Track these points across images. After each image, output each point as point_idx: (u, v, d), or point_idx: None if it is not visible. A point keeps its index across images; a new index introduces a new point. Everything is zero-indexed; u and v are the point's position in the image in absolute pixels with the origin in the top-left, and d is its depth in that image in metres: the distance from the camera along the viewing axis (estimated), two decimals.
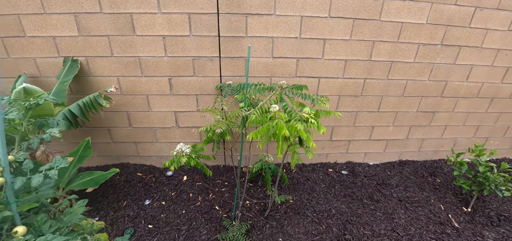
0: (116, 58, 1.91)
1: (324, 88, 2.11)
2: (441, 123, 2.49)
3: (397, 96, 2.24)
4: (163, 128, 2.22)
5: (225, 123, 1.26)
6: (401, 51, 2.02)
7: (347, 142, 2.46)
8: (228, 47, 1.86)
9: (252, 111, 1.15)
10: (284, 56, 1.93)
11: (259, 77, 2.00)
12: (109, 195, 2.08)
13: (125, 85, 2.01)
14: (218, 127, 1.18)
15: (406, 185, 2.28)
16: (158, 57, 1.89)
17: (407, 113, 2.36)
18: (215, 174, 2.31)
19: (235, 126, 1.32)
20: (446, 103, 2.36)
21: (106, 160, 2.42)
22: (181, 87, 2.01)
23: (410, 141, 2.55)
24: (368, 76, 2.10)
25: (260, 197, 2.05)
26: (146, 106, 2.10)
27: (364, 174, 2.39)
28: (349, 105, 2.23)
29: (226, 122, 1.27)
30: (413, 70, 2.13)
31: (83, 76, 1.97)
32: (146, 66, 1.93)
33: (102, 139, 2.28)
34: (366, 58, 2.02)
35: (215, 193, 2.09)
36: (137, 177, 2.28)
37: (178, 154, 1.47)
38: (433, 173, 2.49)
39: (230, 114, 1.31)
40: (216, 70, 1.95)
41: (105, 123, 2.19)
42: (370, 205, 2.02)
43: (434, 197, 2.17)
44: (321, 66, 2.00)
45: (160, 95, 2.05)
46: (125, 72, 1.96)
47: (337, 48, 1.94)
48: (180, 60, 1.90)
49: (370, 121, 2.34)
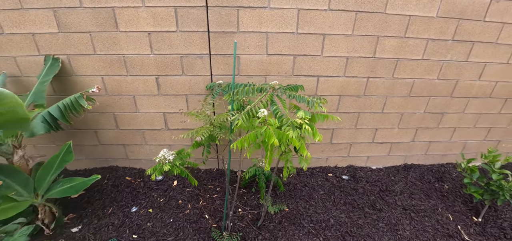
0: (99, 56, 1.78)
1: (324, 88, 1.96)
2: (450, 125, 2.31)
3: (403, 96, 2.07)
4: (152, 130, 2.10)
5: (209, 129, 1.12)
6: (408, 47, 1.85)
7: (348, 145, 2.31)
8: (218, 43, 1.72)
9: (238, 116, 1.01)
10: (279, 53, 1.78)
11: (253, 76, 1.85)
12: (95, 201, 1.98)
13: (110, 85, 1.88)
14: (199, 135, 1.04)
15: (412, 192, 2.12)
16: (144, 54, 1.76)
17: (413, 115, 2.19)
18: (207, 179, 2.19)
19: (221, 132, 1.19)
20: (456, 103, 2.19)
21: (94, 163, 2.32)
22: (170, 86, 1.88)
23: (416, 144, 2.38)
24: (372, 74, 1.93)
25: (253, 205, 1.92)
26: (133, 107, 1.98)
27: (366, 179, 2.24)
28: (350, 106, 2.07)
29: (210, 128, 1.14)
30: (421, 68, 1.96)
31: (66, 76, 1.85)
32: (131, 65, 1.80)
33: (89, 142, 2.17)
34: (370, 55, 1.85)
35: (206, 199, 1.96)
36: (125, 181, 2.17)
37: (161, 162, 1.34)
38: (441, 178, 2.33)
39: (216, 118, 1.17)
40: (206, 69, 1.81)
41: (91, 125, 2.08)
42: (372, 214, 1.87)
43: (442, 206, 2.01)
44: (320, 64, 1.85)
45: (148, 96, 1.93)
46: (109, 71, 1.83)
47: (338, 44, 1.78)
48: (167, 58, 1.77)
49: (373, 122, 2.18)
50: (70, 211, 1.88)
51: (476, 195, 1.83)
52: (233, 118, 1.03)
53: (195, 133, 1.09)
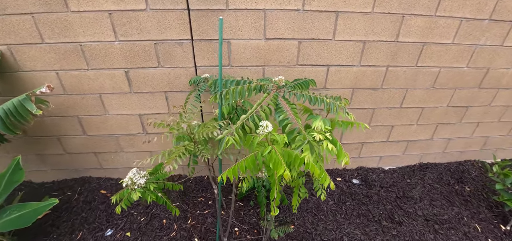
0: (49, 46, 1.37)
1: (334, 80, 1.62)
2: (474, 119, 2.03)
3: (425, 88, 1.76)
4: (127, 135, 1.74)
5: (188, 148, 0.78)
6: (438, 29, 1.51)
7: (360, 145, 2.01)
8: (202, 25, 1.33)
9: (228, 133, 0.67)
10: (281, 37, 1.41)
11: (247, 66, 1.49)
12: (62, 223, 1.64)
13: (68, 82, 1.49)
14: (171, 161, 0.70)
15: (432, 198, 1.86)
16: (106, 42, 1.36)
17: (435, 109, 1.89)
18: (197, 189, 1.87)
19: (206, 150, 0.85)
20: (484, 95, 1.89)
21: (64, 174, 1.96)
22: (143, 82, 1.51)
23: (435, 142, 2.10)
24: (392, 62, 1.60)
25: (252, 222, 1.62)
26: (100, 108, 1.60)
27: (380, 183, 1.97)
28: (365, 101, 1.75)
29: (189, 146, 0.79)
30: (450, 54, 1.63)
31: (10, 72, 1.45)
32: (91, 55, 1.40)
33: (52, 150, 1.79)
34: (391, 39, 1.51)
35: (196, 217, 1.65)
36: (100, 196, 1.83)
37: (129, 187, 1.01)
38: (460, 179, 2.08)
39: (198, 132, 0.83)
40: (189, 59, 1.43)
41: (53, 131, 1.70)
42: (391, 228, 1.61)
43: (467, 213, 1.76)
44: (332, 50, 1.49)
45: (117, 94, 1.55)
46: (65, 65, 1.43)
47: (354, 25, 1.42)
48: (137, 46, 1.38)
49: (389, 119, 1.88)
50: (29, 238, 1.54)
51: (509, 204, 1.58)
52: (221, 137, 0.69)
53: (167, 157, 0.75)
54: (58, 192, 1.88)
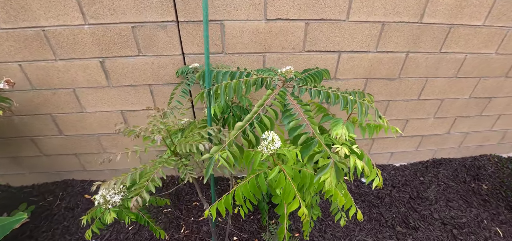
0: (6, 32, 1.13)
1: (346, 69, 1.40)
2: (495, 112, 1.84)
3: (448, 77, 1.55)
4: (109, 135, 1.53)
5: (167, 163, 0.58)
6: (469, 8, 1.28)
7: (370, 141, 1.82)
8: (189, 3, 1.09)
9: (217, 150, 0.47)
10: (285, 18, 1.18)
11: (244, 54, 1.26)
12: (41, 234, 1.47)
13: (35, 75, 1.27)
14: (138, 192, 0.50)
15: (448, 198, 1.71)
16: (74, 26, 1.12)
17: (456, 101, 1.69)
18: (191, 192, 1.69)
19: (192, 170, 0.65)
20: (509, 85, 1.69)
21: (44, 177, 1.77)
22: (123, 74, 1.28)
23: (451, 136, 1.93)
24: (413, 48, 1.38)
25: (252, 229, 1.46)
26: (75, 105, 1.39)
27: (391, 182, 1.80)
28: (379, 92, 1.54)
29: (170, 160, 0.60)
30: (479, 38, 1.41)
31: None
32: (58, 43, 1.17)
33: (27, 152, 1.59)
34: (415, 20, 1.28)
35: (190, 225, 1.49)
36: (84, 201, 1.65)
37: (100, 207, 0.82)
38: (476, 176, 1.92)
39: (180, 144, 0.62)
40: (175, 44, 1.20)
41: (25, 131, 1.49)
42: (406, 235, 1.45)
43: (486, 215, 1.62)
44: (345, 33, 1.27)
45: (94, 88, 1.33)
46: (28, 55, 1.20)
47: (372, 2, 1.19)
48: (111, 30, 1.14)
49: (405, 112, 1.68)
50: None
51: None
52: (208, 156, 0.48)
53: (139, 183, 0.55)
54: (38, 197, 1.70)
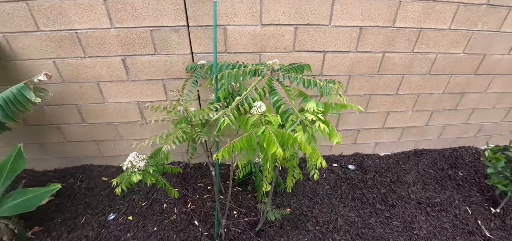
0: (45, 34, 1.37)
1: (331, 66, 1.62)
2: (469, 106, 2.06)
3: (421, 74, 1.77)
4: (126, 123, 1.76)
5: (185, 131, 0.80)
6: (435, 14, 1.51)
7: (355, 132, 2.04)
8: (198, 11, 1.33)
9: (223, 114, 0.69)
10: (277, 23, 1.41)
11: (244, 53, 1.49)
12: (66, 208, 1.69)
13: (66, 70, 1.50)
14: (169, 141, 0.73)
15: (425, 182, 1.91)
16: (102, 29, 1.36)
17: (431, 96, 1.91)
18: (196, 176, 1.91)
19: (203, 132, 0.87)
20: (480, 82, 1.91)
21: (65, 162, 2.00)
22: (141, 70, 1.51)
23: (430, 128, 2.14)
24: (389, 48, 1.60)
25: (250, 206, 1.68)
26: (98, 97, 1.62)
27: (375, 169, 2.02)
28: (361, 87, 1.76)
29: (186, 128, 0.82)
30: (447, 40, 1.63)
31: (7, 61, 1.45)
32: (88, 43, 1.40)
33: (53, 139, 1.82)
34: (388, 24, 1.50)
35: (195, 201, 1.70)
36: (101, 183, 1.87)
37: (128, 170, 1.04)
38: (454, 164, 2.13)
39: (195, 115, 0.85)
40: (185, 45, 1.43)
41: (53, 120, 1.72)
42: (385, 211, 1.66)
43: (458, 197, 1.82)
44: (328, 36, 1.49)
45: (115, 82, 1.56)
46: (61, 53, 1.43)
47: (351, 10, 1.42)
48: (133, 33, 1.38)
49: (385, 106, 1.90)
50: (34, 223, 1.59)
51: (499, 187, 1.63)
52: (217, 117, 0.71)
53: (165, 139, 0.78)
54: (60, 179, 1.92)
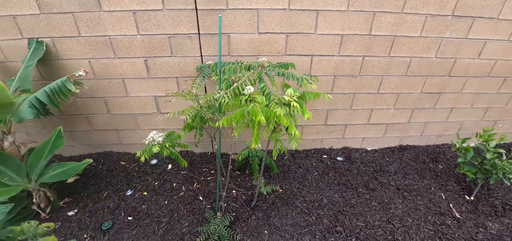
0: (84, 39, 1.71)
1: (318, 68, 1.90)
2: (447, 105, 2.28)
3: (399, 75, 2.02)
4: (144, 115, 2.07)
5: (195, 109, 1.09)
6: (406, 24, 1.78)
7: (343, 127, 2.29)
8: (207, 22, 1.64)
9: (223, 94, 0.98)
10: (271, 32, 1.71)
11: (244, 56, 1.79)
12: (90, 185, 1.99)
13: (98, 68, 1.83)
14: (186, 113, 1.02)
15: (406, 172, 2.13)
16: (130, 35, 1.69)
17: (410, 95, 2.15)
18: (201, 162, 2.19)
19: (209, 112, 1.16)
20: (454, 83, 2.14)
21: (89, 149, 2.31)
22: (159, 69, 1.83)
23: (412, 125, 2.36)
24: (367, 53, 1.87)
25: (247, 186, 1.93)
26: (123, 91, 1.94)
27: (361, 160, 2.25)
28: (345, 86, 2.03)
29: (196, 107, 1.11)
30: (419, 46, 1.89)
31: (52, 60, 1.80)
32: (118, 47, 1.74)
33: (81, 127, 2.15)
34: (366, 33, 1.78)
35: (200, 182, 1.98)
36: (120, 166, 2.17)
37: (150, 144, 1.33)
38: (435, 159, 2.33)
39: (203, 98, 1.14)
40: (196, 49, 1.75)
41: (83, 110, 2.05)
42: (365, 194, 1.89)
43: (435, 185, 2.03)
44: (314, 42, 1.78)
45: (137, 79, 1.88)
46: (96, 54, 1.77)
47: (332, 21, 1.71)
48: (155, 39, 1.70)
49: (369, 103, 2.15)
50: (65, 195, 1.89)
51: (469, 174, 1.84)
52: (219, 96, 0.99)
53: (182, 112, 1.07)
54: None
